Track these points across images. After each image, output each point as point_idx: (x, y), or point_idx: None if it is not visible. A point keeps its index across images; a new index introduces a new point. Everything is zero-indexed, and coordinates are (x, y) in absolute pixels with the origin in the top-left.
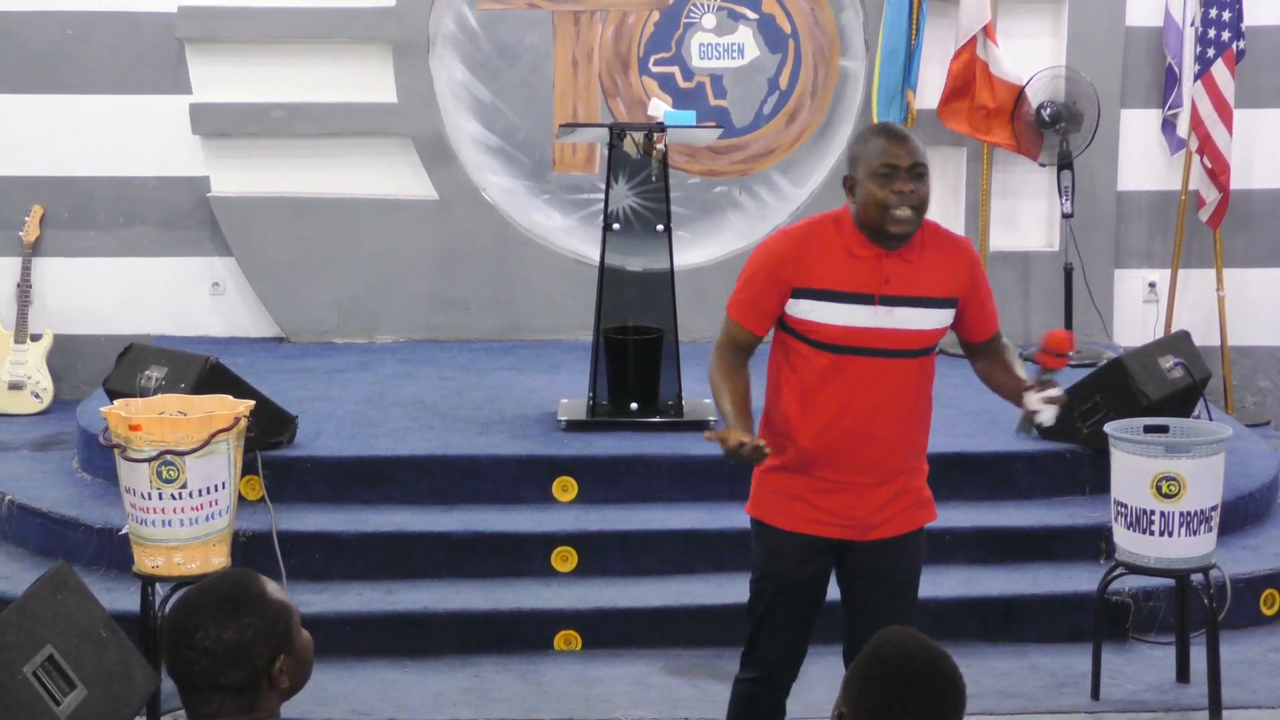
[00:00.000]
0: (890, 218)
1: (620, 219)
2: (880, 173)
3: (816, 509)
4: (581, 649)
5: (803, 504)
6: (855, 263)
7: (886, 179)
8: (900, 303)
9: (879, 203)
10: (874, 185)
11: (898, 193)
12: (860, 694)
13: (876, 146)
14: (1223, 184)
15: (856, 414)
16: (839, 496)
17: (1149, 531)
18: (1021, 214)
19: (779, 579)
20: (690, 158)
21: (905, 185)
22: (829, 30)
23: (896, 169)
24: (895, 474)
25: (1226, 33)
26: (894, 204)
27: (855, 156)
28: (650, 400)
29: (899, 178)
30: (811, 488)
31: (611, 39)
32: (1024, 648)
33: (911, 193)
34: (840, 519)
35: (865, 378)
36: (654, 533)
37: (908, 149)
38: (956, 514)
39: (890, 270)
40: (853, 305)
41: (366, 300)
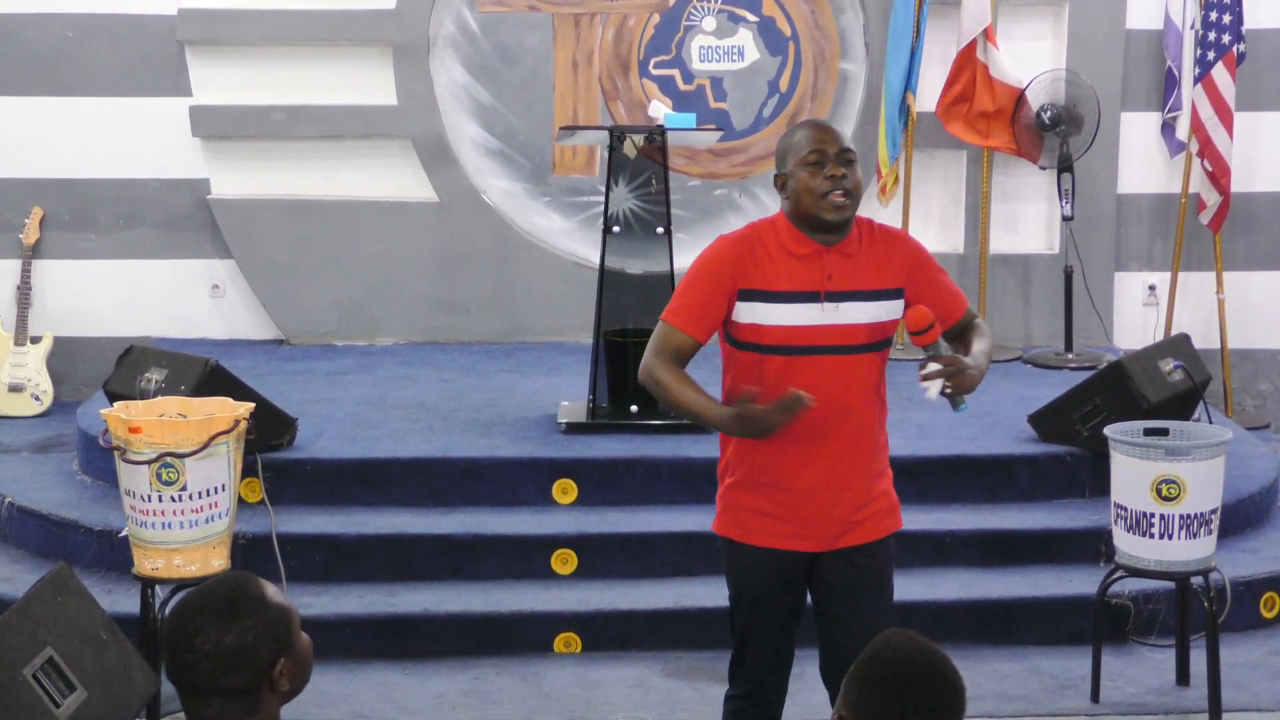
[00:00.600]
0: (824, 204)
1: (620, 222)
2: (810, 161)
3: (782, 522)
4: (581, 651)
5: (769, 518)
6: (796, 262)
7: (817, 166)
8: (846, 297)
9: (811, 190)
10: (805, 174)
11: (830, 178)
12: (860, 697)
13: (803, 137)
14: (1223, 187)
15: (812, 413)
16: (805, 508)
17: (1149, 534)
18: (1021, 217)
19: (754, 596)
20: (690, 160)
21: (837, 170)
22: (829, 33)
23: (826, 155)
24: (856, 476)
25: (1227, 35)
26: (827, 189)
27: (784, 151)
28: (650, 403)
29: (829, 164)
30: (776, 500)
31: (612, 41)
32: (1024, 650)
33: (843, 177)
34: (807, 530)
35: (818, 376)
36: (654, 535)
37: (834, 136)
38: (957, 516)
39: (832, 266)
40: (798, 304)
41: (367, 302)
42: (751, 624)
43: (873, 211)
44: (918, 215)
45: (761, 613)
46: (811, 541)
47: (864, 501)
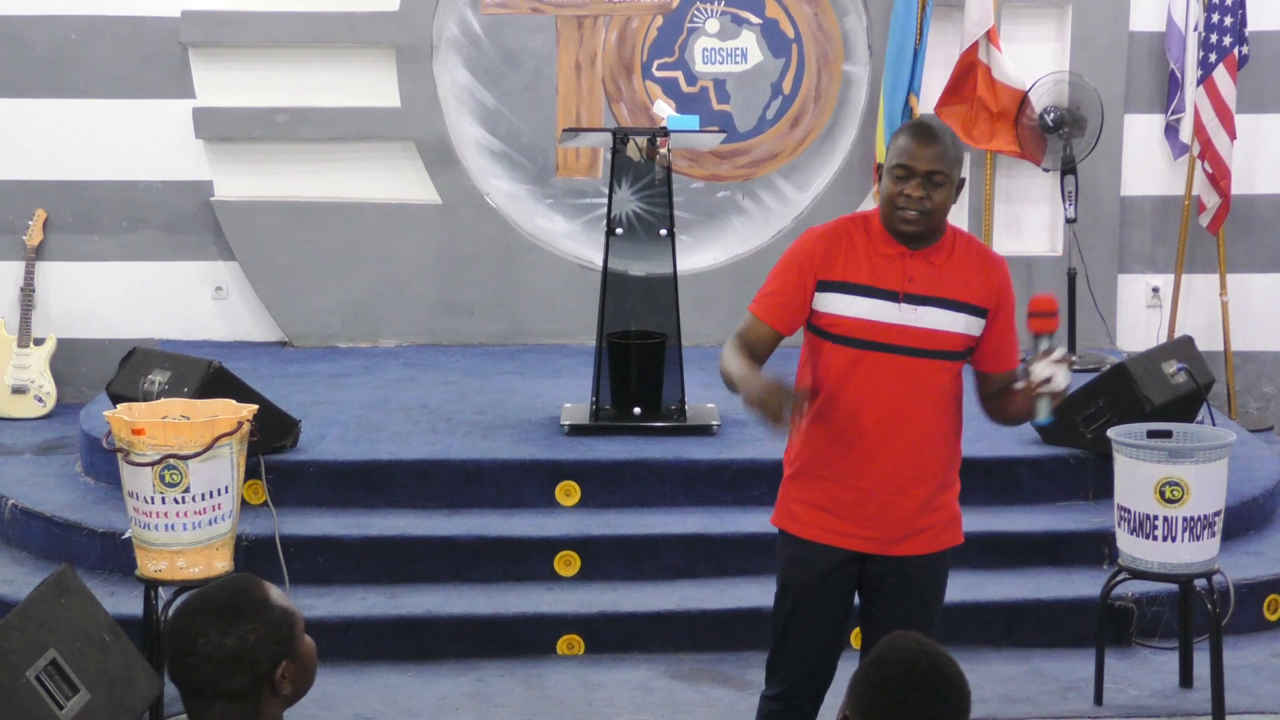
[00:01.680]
0: (897, 216)
1: (623, 223)
2: (896, 173)
3: (840, 519)
4: (584, 653)
5: (826, 514)
6: (880, 260)
7: (901, 180)
8: (924, 302)
9: (889, 199)
10: (889, 182)
11: (906, 195)
12: (865, 698)
13: (900, 144)
14: (1223, 189)
15: (875, 410)
16: (864, 507)
17: (1152, 536)
18: (1025, 219)
19: (798, 589)
20: (693, 162)
21: (916, 190)
22: (832, 35)
23: (912, 171)
24: (920, 484)
25: (1229, 38)
26: (901, 205)
27: (889, 149)
28: (653, 405)
29: (912, 181)
30: (835, 496)
31: (615, 43)
32: (1027, 653)
33: (922, 199)
34: (864, 531)
35: (886, 375)
36: (657, 537)
37: (929, 154)
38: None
39: (914, 269)
40: (876, 300)
41: (370, 304)
42: (792, 619)
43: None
44: None
45: (804, 609)
46: (865, 542)
47: (926, 510)
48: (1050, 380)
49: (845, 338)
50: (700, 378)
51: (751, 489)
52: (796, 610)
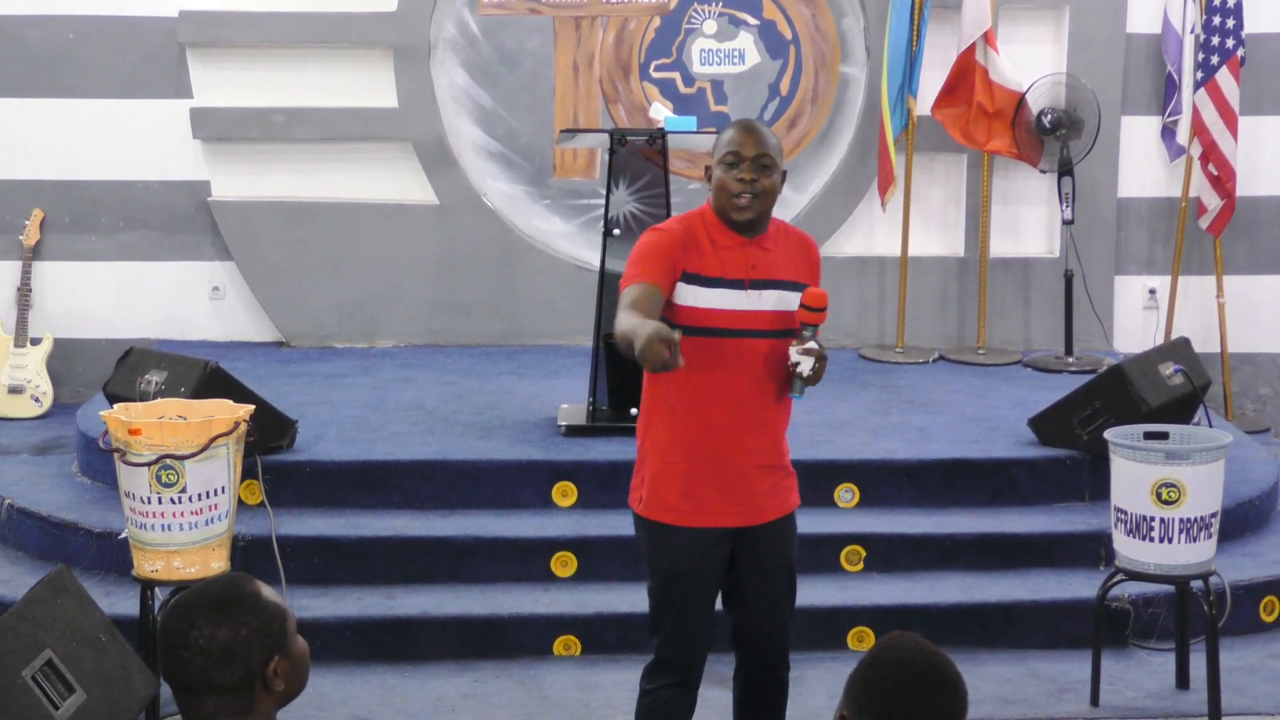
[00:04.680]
0: (732, 204)
1: (621, 224)
2: (727, 160)
3: (713, 501)
4: (581, 654)
5: (699, 499)
6: (723, 251)
7: (732, 166)
8: (767, 286)
9: (723, 188)
10: (720, 171)
11: (740, 180)
12: (862, 697)
13: (727, 136)
14: (1228, 191)
15: (735, 394)
16: (733, 486)
17: (1149, 538)
18: (1022, 220)
19: (690, 577)
20: (691, 163)
21: (748, 174)
22: (830, 36)
23: (741, 157)
24: (775, 454)
25: (1230, 40)
26: (735, 191)
27: (713, 146)
28: None
29: (743, 165)
30: (706, 481)
31: (612, 44)
32: (1024, 654)
33: (753, 181)
34: (735, 508)
35: (742, 357)
36: None
37: (755, 140)
38: (957, 520)
39: (754, 257)
40: (727, 290)
41: (367, 305)
42: (686, 604)
43: (868, 212)
44: (918, 218)
45: (694, 591)
46: (736, 517)
47: (780, 478)
48: (799, 365)
49: (704, 329)
50: None
51: None
52: (690, 595)
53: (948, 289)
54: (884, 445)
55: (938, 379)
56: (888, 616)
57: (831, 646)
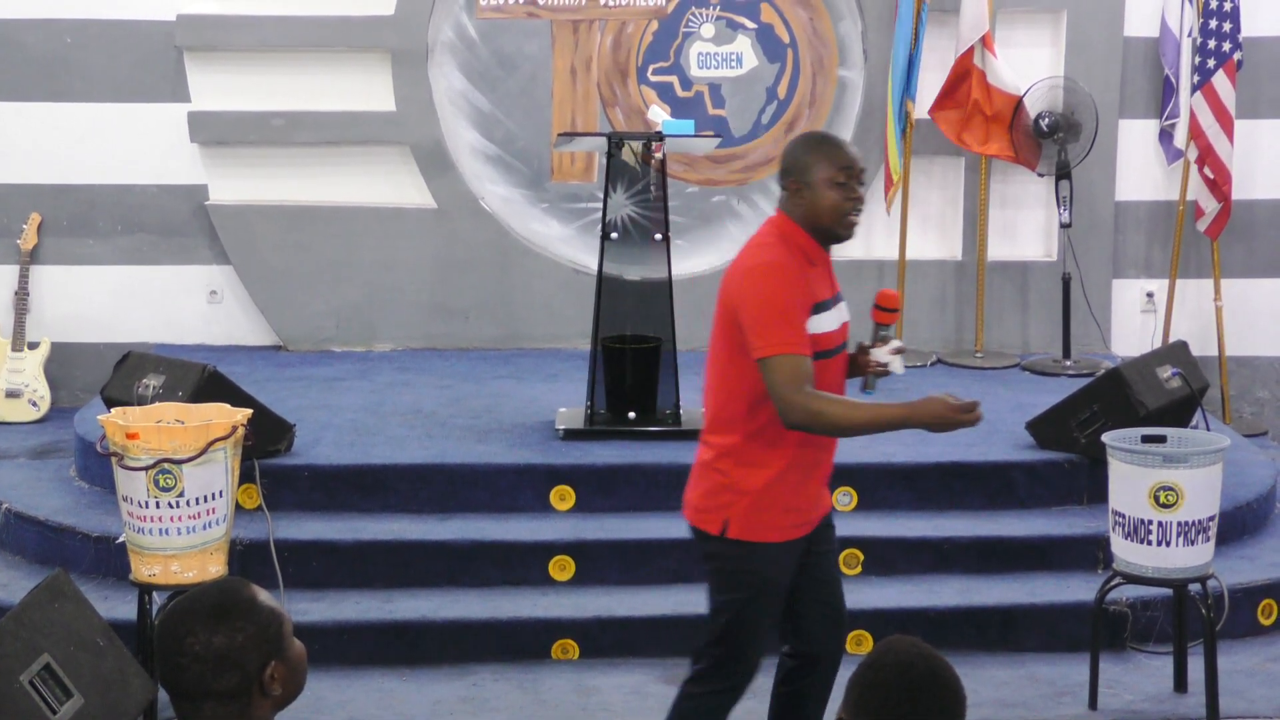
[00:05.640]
0: (845, 223)
1: (618, 228)
2: (838, 180)
3: (806, 511)
4: (579, 658)
5: (796, 512)
6: (816, 270)
7: (843, 186)
8: (840, 299)
9: (836, 209)
10: (832, 192)
11: (852, 199)
12: (861, 699)
13: (831, 154)
14: (1224, 194)
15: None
16: (819, 494)
17: (1147, 541)
18: (1020, 224)
19: (778, 589)
20: (688, 167)
21: (857, 193)
22: (827, 40)
23: (851, 176)
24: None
25: (1227, 43)
26: (848, 211)
27: (804, 161)
28: (648, 409)
29: (852, 185)
30: (804, 494)
31: (610, 48)
32: (1022, 657)
33: (861, 199)
34: (811, 515)
35: (832, 371)
36: (652, 542)
37: (857, 157)
38: (955, 523)
39: (829, 271)
40: (832, 310)
41: (365, 309)
42: (763, 618)
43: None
44: (916, 221)
45: (774, 606)
46: (812, 524)
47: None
48: (887, 366)
49: (822, 352)
50: (695, 382)
51: None
52: (773, 606)
53: (946, 292)
54: (882, 448)
55: (935, 382)
56: (886, 620)
57: None
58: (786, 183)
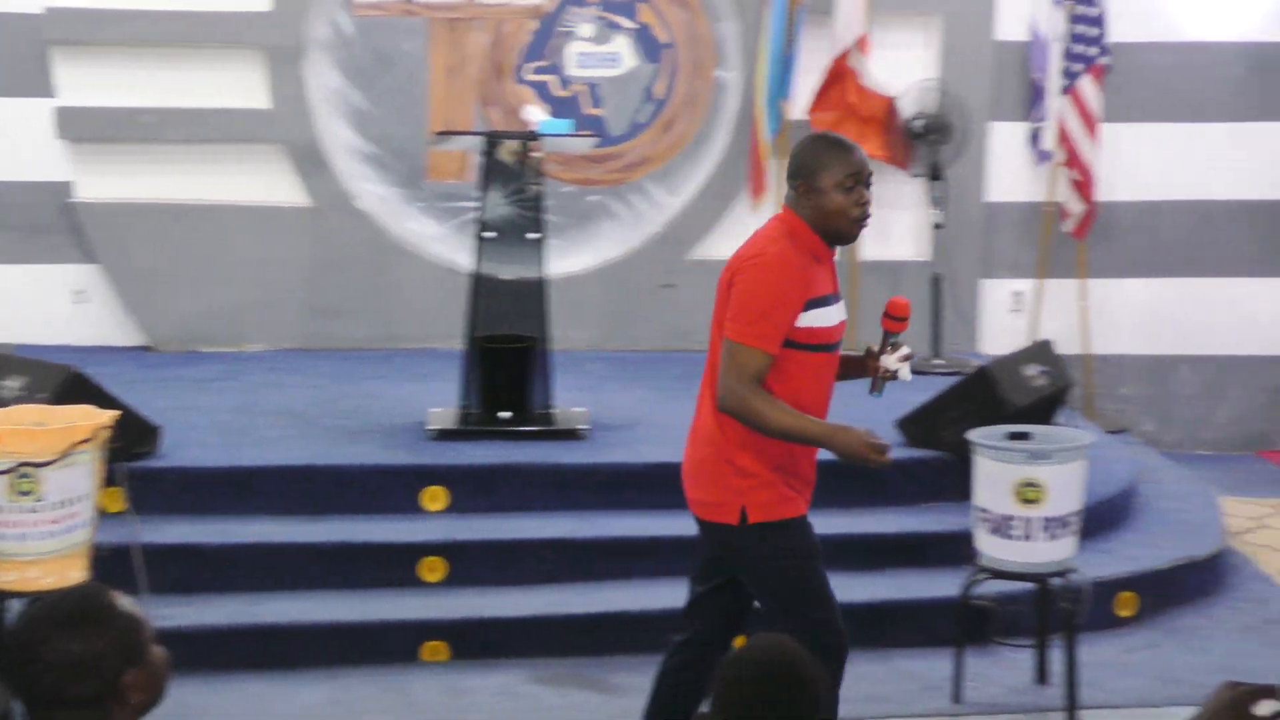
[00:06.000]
0: (855, 226)
1: (494, 227)
2: (846, 185)
3: (805, 493)
4: (450, 659)
5: (799, 494)
6: (821, 267)
7: (851, 190)
8: (840, 297)
9: (844, 212)
10: (840, 196)
11: (862, 204)
12: (719, 694)
13: (841, 158)
14: (1088, 196)
15: (828, 397)
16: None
17: (1011, 536)
18: (893, 224)
19: (817, 554)
20: (565, 166)
21: (866, 196)
22: (706, 40)
23: (859, 180)
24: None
25: (1093, 49)
26: (857, 215)
27: (814, 164)
28: (522, 409)
29: (860, 189)
30: (804, 478)
31: (488, 47)
32: (891, 653)
33: (869, 202)
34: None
35: (833, 366)
36: (525, 542)
37: (866, 161)
38: (828, 521)
39: (832, 270)
40: (834, 305)
41: (236, 308)
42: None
43: (741, 216)
44: None
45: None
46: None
47: None
48: (896, 372)
49: (822, 345)
50: (569, 382)
51: (620, 493)
52: (820, 571)
53: None
54: None
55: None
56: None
57: None
58: (796, 184)
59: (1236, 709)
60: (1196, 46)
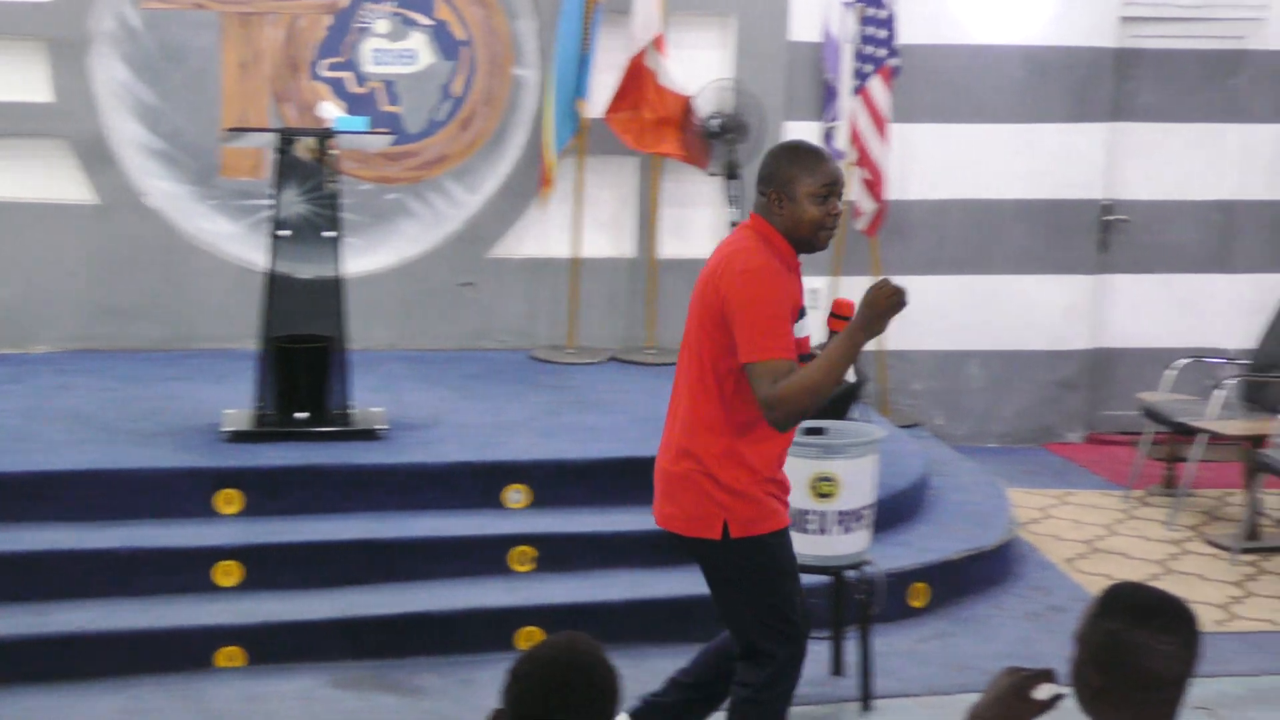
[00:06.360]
0: (823, 235)
1: (289, 225)
2: (820, 194)
3: (786, 493)
4: (247, 665)
5: (782, 504)
6: (795, 277)
7: (824, 200)
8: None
9: (815, 222)
10: (814, 206)
11: (833, 214)
12: (508, 692)
13: (814, 168)
14: (879, 195)
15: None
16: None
17: (806, 531)
18: (691, 222)
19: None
20: (362, 164)
21: (837, 208)
22: (503, 38)
23: (832, 191)
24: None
25: (882, 50)
26: (830, 225)
27: (787, 173)
28: (318, 409)
29: (832, 200)
30: (784, 485)
31: (282, 42)
32: (691, 648)
33: (839, 213)
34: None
35: None
36: (322, 544)
37: (839, 172)
38: (628, 518)
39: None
40: (807, 316)
41: (20, 308)
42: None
43: (540, 214)
44: (589, 221)
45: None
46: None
47: None
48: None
49: (802, 356)
50: (367, 381)
51: (419, 493)
52: (796, 586)
53: (618, 290)
54: (555, 445)
55: (609, 379)
56: (559, 616)
57: (502, 648)
58: (767, 192)
59: (1017, 693)
60: (982, 50)
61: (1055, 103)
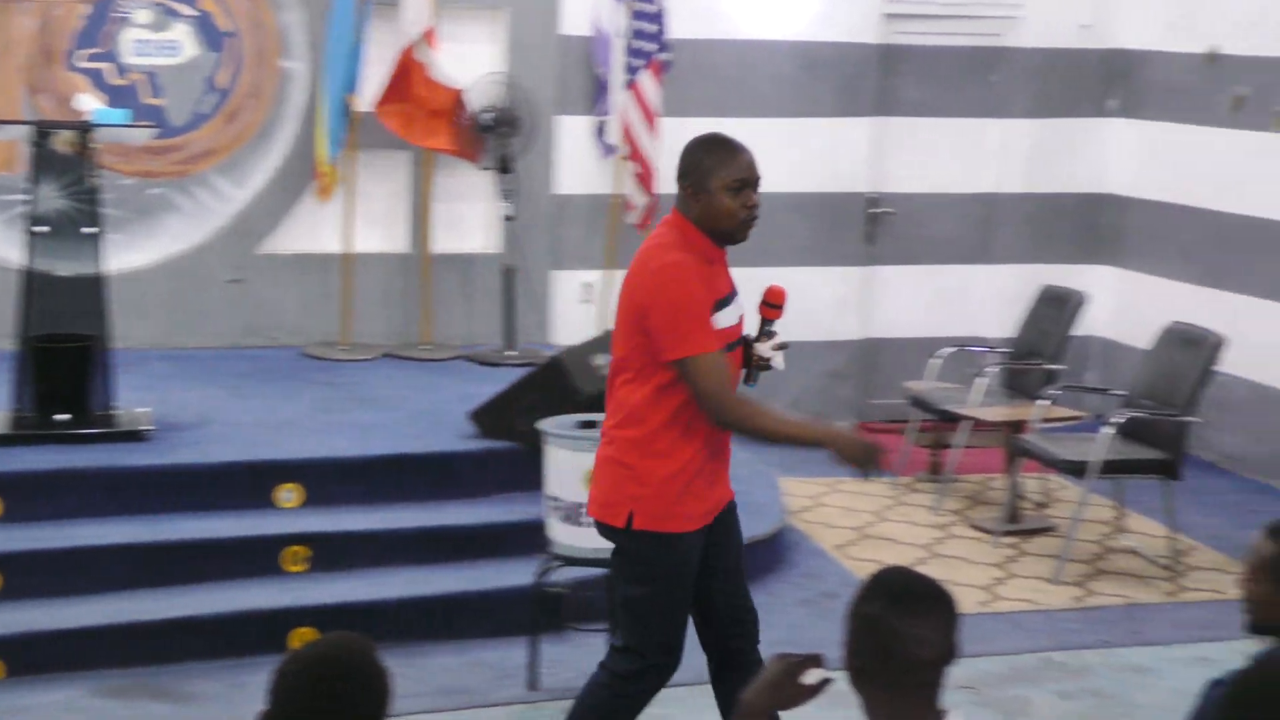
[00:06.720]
0: (742, 227)
1: (46, 221)
2: (733, 186)
3: (706, 501)
4: (5, 677)
5: (700, 501)
6: (716, 268)
7: (739, 192)
8: (737, 294)
9: (732, 214)
10: (728, 198)
11: (749, 206)
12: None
13: (728, 161)
14: (650, 188)
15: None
16: (721, 476)
17: (582, 524)
18: (464, 217)
19: (688, 577)
20: (124, 158)
21: (753, 199)
22: (270, 30)
23: (747, 183)
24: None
25: (652, 45)
26: (746, 217)
27: (702, 166)
28: (80, 411)
29: (748, 191)
30: (707, 482)
31: (36, 32)
32: (467, 644)
33: (756, 205)
34: (715, 503)
35: (733, 366)
36: (86, 549)
37: (753, 164)
38: (401, 515)
39: (725, 269)
40: (730, 307)
41: None
42: (685, 598)
43: (311, 209)
44: (362, 215)
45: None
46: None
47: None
48: (772, 360)
49: (729, 345)
50: (131, 381)
51: (187, 494)
52: (689, 592)
53: (391, 285)
54: (328, 443)
55: (382, 375)
56: (333, 616)
57: (275, 650)
58: (683, 186)
59: (787, 678)
60: (752, 45)
61: (824, 98)
